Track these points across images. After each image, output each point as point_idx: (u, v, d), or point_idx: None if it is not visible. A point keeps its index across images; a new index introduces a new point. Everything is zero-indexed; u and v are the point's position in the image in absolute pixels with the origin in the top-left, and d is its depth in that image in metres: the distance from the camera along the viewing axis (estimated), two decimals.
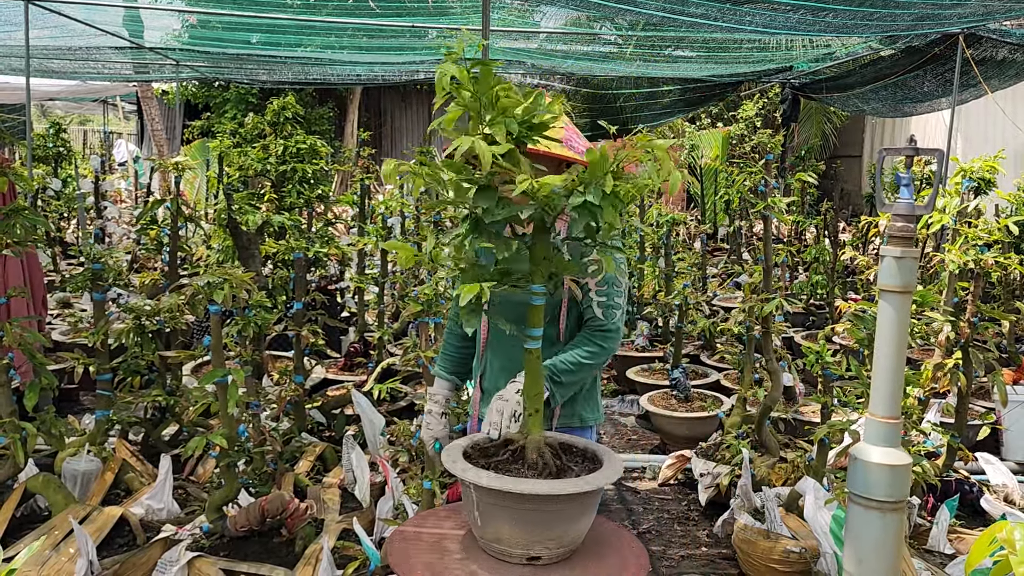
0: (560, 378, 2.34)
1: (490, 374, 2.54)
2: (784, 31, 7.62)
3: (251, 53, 11.93)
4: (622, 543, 2.00)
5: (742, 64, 11.14)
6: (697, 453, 4.81)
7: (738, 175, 10.73)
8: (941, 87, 10.48)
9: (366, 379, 5.28)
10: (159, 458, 3.95)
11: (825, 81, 11.94)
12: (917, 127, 17.00)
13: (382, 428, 4.44)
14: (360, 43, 11.10)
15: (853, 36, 8.27)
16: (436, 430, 2.59)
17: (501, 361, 2.50)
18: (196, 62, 13.11)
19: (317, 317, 4.68)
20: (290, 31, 10.41)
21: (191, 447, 3.08)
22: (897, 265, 1.34)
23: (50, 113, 31.41)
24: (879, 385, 1.34)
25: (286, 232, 5.44)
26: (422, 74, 14.28)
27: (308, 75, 14.24)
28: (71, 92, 21.84)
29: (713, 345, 6.77)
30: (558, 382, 2.34)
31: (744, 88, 14.92)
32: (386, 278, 5.72)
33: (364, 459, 3.89)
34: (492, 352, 2.54)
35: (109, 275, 3.88)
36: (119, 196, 15.66)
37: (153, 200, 4.63)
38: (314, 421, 4.60)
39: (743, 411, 4.74)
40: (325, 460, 4.36)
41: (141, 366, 3.99)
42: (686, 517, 4.57)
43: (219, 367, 3.12)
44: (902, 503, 1.31)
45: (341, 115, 21.54)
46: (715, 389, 6.01)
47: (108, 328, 3.83)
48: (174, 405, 4.17)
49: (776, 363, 4.22)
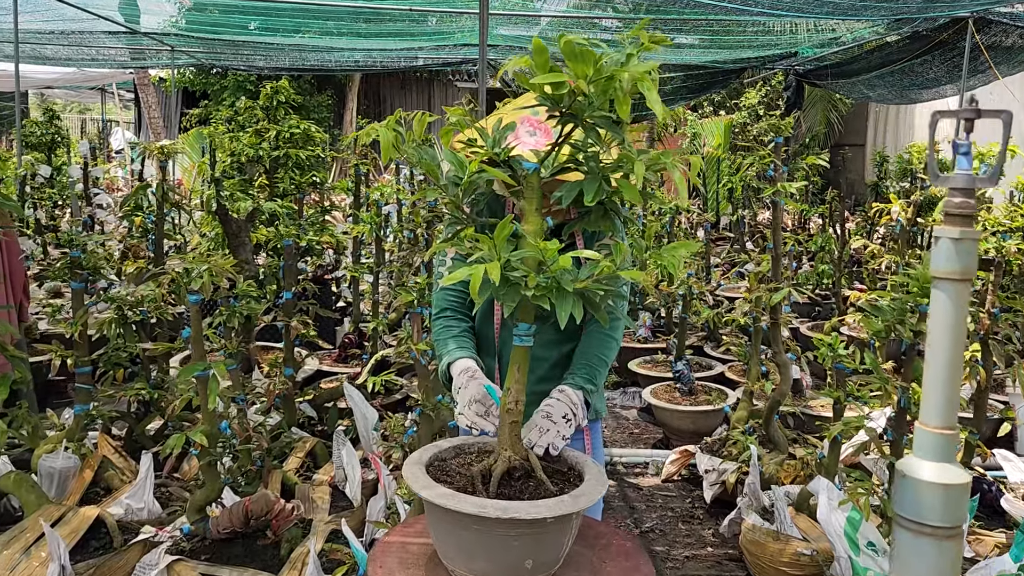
0: (597, 384, 2.21)
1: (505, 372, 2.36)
2: (791, 13, 7.41)
3: (247, 39, 11.77)
4: (622, 554, 1.83)
5: (746, 49, 10.94)
6: (702, 448, 4.65)
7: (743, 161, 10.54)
8: (949, 73, 10.28)
9: (360, 371, 5.11)
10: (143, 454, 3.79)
11: (830, 67, 11.74)
12: (922, 115, 16.79)
13: (375, 423, 4.27)
14: (359, 28, 10.93)
15: (861, 19, 8.05)
16: (473, 389, 2.09)
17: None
18: (191, 48, 12.94)
19: (308, 307, 4.50)
20: (287, 15, 10.23)
21: (170, 445, 2.91)
22: (955, 248, 1.16)
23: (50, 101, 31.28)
24: (932, 390, 1.16)
25: (278, 219, 5.26)
26: (421, 60, 14.08)
27: (306, 61, 14.08)
28: (68, 80, 21.70)
29: (717, 336, 6.60)
30: (594, 391, 2.20)
31: (747, 75, 14.71)
32: (381, 267, 5.54)
33: (355, 456, 3.72)
34: (504, 350, 2.35)
35: (89, 262, 3.70)
36: (114, 184, 15.49)
37: (137, 186, 4.45)
38: (304, 415, 4.43)
39: (750, 405, 4.58)
40: (316, 456, 4.19)
41: (123, 358, 3.81)
42: (691, 515, 4.41)
43: (199, 360, 2.95)
44: (959, 528, 1.13)
45: (340, 102, 21.35)
46: (719, 382, 5.85)
47: (87, 318, 3.65)
48: (159, 399, 4.00)
49: (785, 355, 4.05)
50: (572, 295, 1.62)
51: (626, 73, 1.53)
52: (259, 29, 11.09)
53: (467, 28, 10.85)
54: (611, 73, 1.51)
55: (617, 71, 1.52)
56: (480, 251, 1.64)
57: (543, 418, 2.03)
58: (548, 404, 2.09)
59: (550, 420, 2.02)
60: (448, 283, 1.60)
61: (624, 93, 1.53)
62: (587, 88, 1.49)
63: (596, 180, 1.70)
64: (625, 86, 1.53)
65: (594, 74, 1.51)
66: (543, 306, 1.63)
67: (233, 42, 12.11)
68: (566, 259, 1.58)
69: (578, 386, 2.18)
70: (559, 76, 1.53)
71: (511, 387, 1.82)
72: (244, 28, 11.10)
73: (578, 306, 1.64)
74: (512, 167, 1.81)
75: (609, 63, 1.56)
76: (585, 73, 1.50)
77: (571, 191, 1.72)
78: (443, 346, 2.32)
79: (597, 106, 1.65)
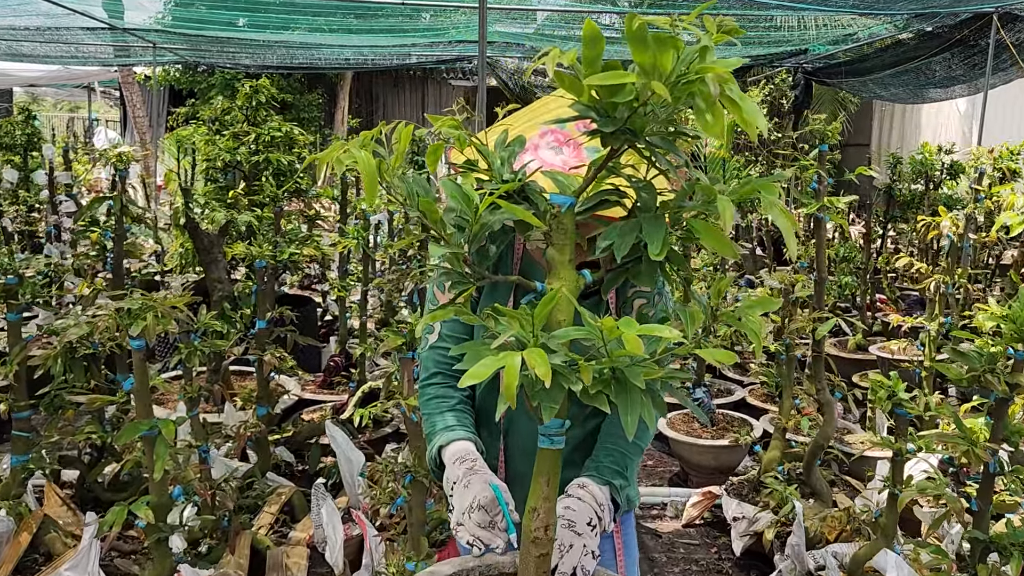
0: (628, 476, 1.71)
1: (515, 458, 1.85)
2: (812, 7, 6.91)
3: (232, 36, 11.30)
4: None
5: (755, 46, 10.47)
6: (728, 491, 4.15)
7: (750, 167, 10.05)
8: (968, 71, 9.83)
9: (347, 399, 4.61)
10: (98, 503, 3.29)
11: (843, 65, 11.26)
12: (928, 115, 16.34)
13: (361, 467, 3.76)
14: (350, 24, 10.48)
15: (884, 14, 7.56)
16: (476, 490, 1.56)
17: (525, 441, 1.82)
18: (174, 45, 12.44)
19: (286, 335, 3.99)
20: (275, 9, 9.77)
21: (108, 521, 2.40)
22: None
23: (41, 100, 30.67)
24: None
25: (255, 233, 4.74)
26: (414, 58, 13.59)
27: (294, 59, 13.61)
28: (54, 78, 21.14)
29: (739, 353, 6.10)
30: (626, 485, 1.71)
31: (751, 74, 14.23)
32: (368, 285, 5.02)
33: (337, 514, 3.20)
34: (514, 429, 1.85)
35: (26, 290, 3.18)
36: (98, 186, 14.91)
37: (93, 197, 3.93)
38: (281, 459, 3.91)
39: (783, 444, 4.08)
40: (294, 508, 3.67)
41: (64, 400, 3.29)
42: (718, 569, 3.91)
43: (144, 417, 2.44)
44: None
45: (331, 101, 20.77)
46: (740, 408, 5.35)
47: (24, 355, 3.13)
48: (112, 442, 3.48)
49: (829, 393, 3.55)
50: (641, 391, 1.12)
51: (711, 72, 1.03)
52: (248, 26, 10.64)
53: (461, 24, 10.39)
54: (698, 70, 1.00)
55: (704, 67, 1.02)
56: (507, 328, 1.14)
57: (565, 528, 1.52)
58: (568, 507, 1.56)
59: (574, 531, 1.51)
60: (469, 381, 1.09)
61: (713, 99, 1.02)
62: (666, 92, 0.98)
63: (660, 224, 1.19)
64: (713, 89, 1.02)
65: (672, 72, 1.00)
66: (600, 407, 1.13)
67: (218, 39, 11.64)
68: (634, 340, 1.07)
69: (604, 480, 1.66)
70: (625, 75, 1.02)
71: (538, 507, 1.31)
72: (231, 24, 10.65)
73: (648, 408, 1.13)
74: (530, 199, 1.30)
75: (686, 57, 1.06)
76: (663, 69, 0.99)
77: (624, 237, 1.21)
78: (433, 422, 1.78)
79: (664, 117, 1.14)
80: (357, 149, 1.08)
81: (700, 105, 1.05)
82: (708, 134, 1.08)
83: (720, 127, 1.07)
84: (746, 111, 1.05)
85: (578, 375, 1.12)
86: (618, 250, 1.20)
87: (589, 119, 1.17)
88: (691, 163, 1.30)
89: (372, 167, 1.09)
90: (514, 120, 1.65)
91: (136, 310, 2.29)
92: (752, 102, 1.07)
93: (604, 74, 1.06)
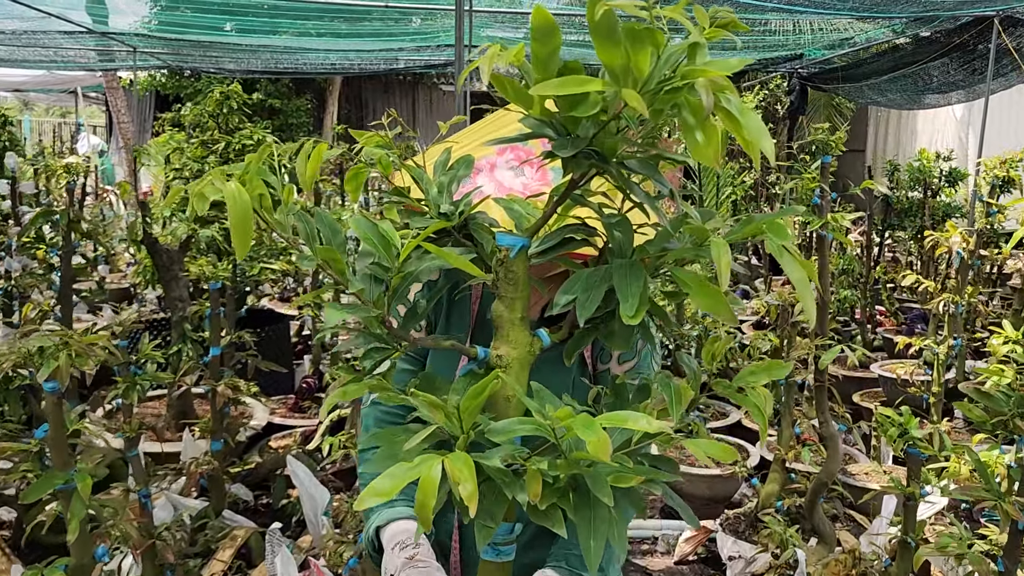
0: (605, 567, 1.44)
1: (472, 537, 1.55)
2: (809, 9, 6.65)
3: (216, 40, 11.03)
4: None
5: (750, 50, 10.21)
6: (723, 526, 3.87)
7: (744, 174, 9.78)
8: (968, 76, 9.61)
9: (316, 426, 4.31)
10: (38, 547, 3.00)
11: (839, 70, 11.03)
12: (925, 121, 16.12)
13: (327, 505, 3.46)
14: (338, 28, 10.24)
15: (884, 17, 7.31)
16: None
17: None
18: (156, 49, 12.16)
19: (247, 360, 3.69)
20: (262, 13, 9.50)
21: None
22: None
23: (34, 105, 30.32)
24: None
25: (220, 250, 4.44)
26: (402, 63, 13.33)
27: (280, 64, 13.36)
28: (39, 82, 20.84)
29: (730, 375, 5.80)
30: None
31: (744, 79, 13.99)
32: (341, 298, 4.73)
33: (293, 564, 2.90)
34: None
35: None
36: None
37: (38, 211, 3.62)
38: (239, 498, 3.61)
39: (782, 475, 3.79)
40: (251, 551, 3.36)
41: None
42: None
43: (61, 468, 2.14)
44: None
45: (320, 107, 20.45)
46: (735, 431, 5.07)
47: None
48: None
49: (833, 426, 3.27)
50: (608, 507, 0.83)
51: (703, 76, 0.74)
52: (235, 30, 10.39)
53: (450, 28, 10.13)
54: (685, 74, 0.71)
55: (693, 70, 0.73)
56: (430, 417, 0.85)
57: None
58: None
59: None
60: (366, 504, 0.81)
61: (705, 113, 0.74)
62: (642, 104, 0.69)
63: (637, 274, 0.90)
64: (705, 100, 0.73)
65: (650, 76, 0.71)
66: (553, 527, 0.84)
67: (201, 43, 11.37)
68: (598, 444, 0.78)
69: (574, 571, 1.36)
70: (587, 82, 0.73)
71: None
72: (218, 29, 10.39)
73: (618, 526, 0.85)
74: (474, 237, 1.02)
75: (670, 57, 0.77)
76: (638, 73, 0.70)
77: (589, 292, 0.92)
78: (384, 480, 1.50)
79: (643, 135, 0.86)
80: (221, 180, 0.79)
81: (688, 120, 0.76)
82: (697, 158, 0.79)
83: (714, 150, 0.78)
84: (748, 129, 0.76)
85: (524, 481, 0.83)
86: (582, 308, 0.91)
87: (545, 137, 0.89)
88: (679, 175, 1.01)
89: (245, 204, 0.79)
90: (465, 136, 1.36)
91: (49, 348, 2.00)
92: (756, 117, 0.78)
93: (559, 80, 0.77)
